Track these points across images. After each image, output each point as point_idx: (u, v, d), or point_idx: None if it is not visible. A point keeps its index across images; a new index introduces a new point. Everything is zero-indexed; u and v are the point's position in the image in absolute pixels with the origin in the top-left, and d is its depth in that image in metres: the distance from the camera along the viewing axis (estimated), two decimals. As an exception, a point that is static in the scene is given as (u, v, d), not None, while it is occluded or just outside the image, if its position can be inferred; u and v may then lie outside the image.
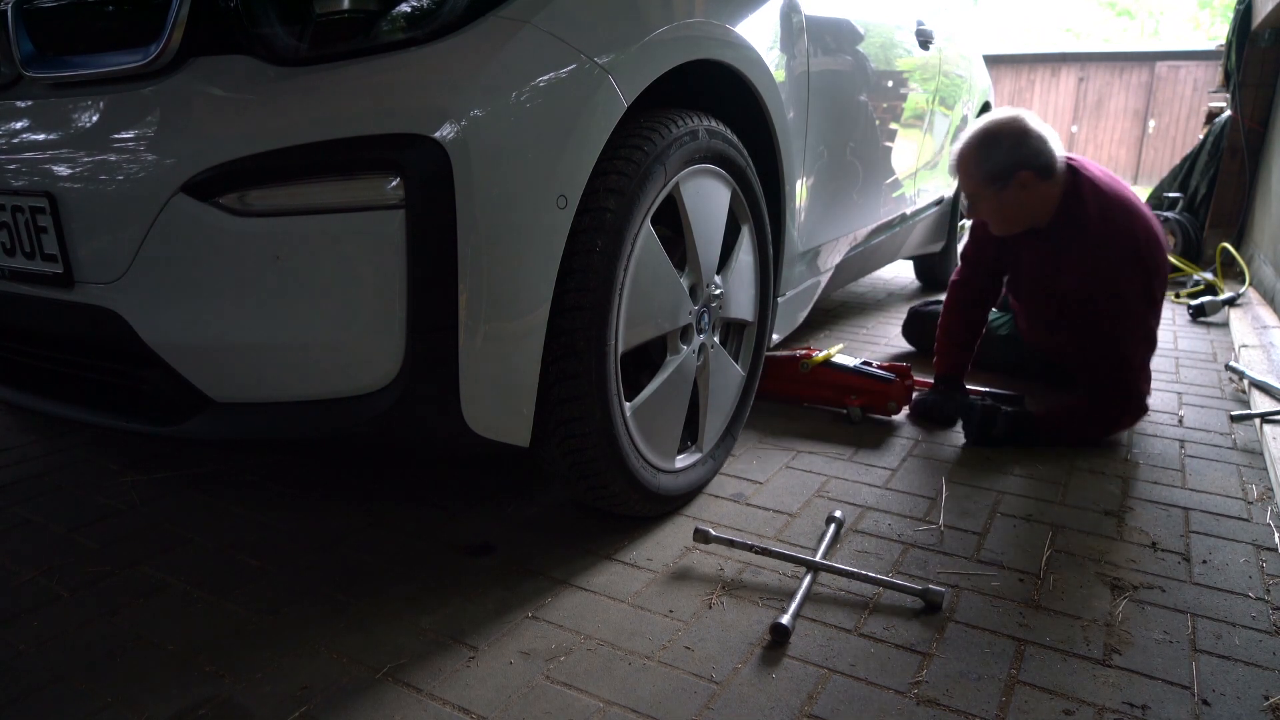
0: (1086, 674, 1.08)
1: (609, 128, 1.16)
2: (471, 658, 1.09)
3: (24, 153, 1.13)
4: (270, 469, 1.66)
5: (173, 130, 1.04)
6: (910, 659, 1.10)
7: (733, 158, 1.45)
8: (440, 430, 1.12)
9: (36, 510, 1.49)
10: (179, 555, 1.33)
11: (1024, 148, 1.76)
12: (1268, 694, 1.05)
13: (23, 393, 1.29)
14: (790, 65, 1.65)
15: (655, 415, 1.37)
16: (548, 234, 1.11)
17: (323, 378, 1.07)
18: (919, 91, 2.60)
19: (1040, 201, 1.80)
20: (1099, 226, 1.76)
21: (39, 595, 1.22)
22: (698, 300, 1.45)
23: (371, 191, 0.99)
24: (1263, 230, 3.78)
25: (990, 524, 1.48)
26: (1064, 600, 1.24)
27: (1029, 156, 1.76)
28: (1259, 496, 1.61)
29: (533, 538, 1.40)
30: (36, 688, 1.03)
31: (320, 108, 0.99)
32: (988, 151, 1.78)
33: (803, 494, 1.58)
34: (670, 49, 1.26)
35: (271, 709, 0.99)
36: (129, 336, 1.09)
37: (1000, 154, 1.76)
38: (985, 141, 1.79)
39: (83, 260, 1.10)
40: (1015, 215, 1.84)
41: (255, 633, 1.14)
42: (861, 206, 2.25)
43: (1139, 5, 24.34)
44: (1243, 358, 2.44)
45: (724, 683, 1.05)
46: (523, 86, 1.06)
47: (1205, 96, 9.23)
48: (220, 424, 1.11)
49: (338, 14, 1.02)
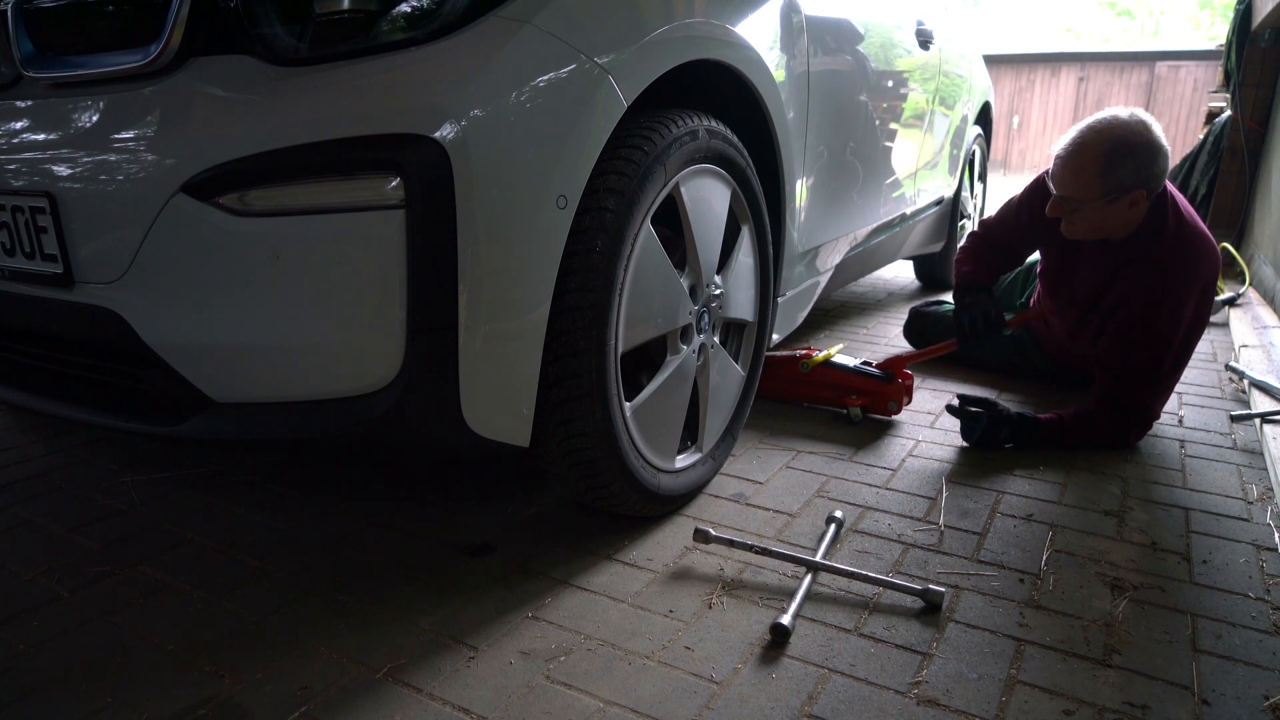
0: (1086, 674, 1.08)
1: (609, 128, 1.16)
2: (471, 658, 1.09)
3: (24, 153, 1.13)
4: (270, 469, 1.66)
5: (173, 130, 1.04)
6: (910, 659, 1.10)
7: (733, 158, 1.45)
8: (440, 430, 1.12)
9: (36, 510, 1.49)
10: (179, 555, 1.33)
11: (1154, 166, 1.64)
12: (1268, 694, 1.05)
13: (23, 393, 1.29)
14: (790, 65, 1.65)
15: (655, 415, 1.37)
16: (548, 234, 1.11)
17: (323, 378, 1.07)
18: (919, 91, 2.60)
19: (1134, 218, 1.73)
20: (1175, 245, 1.72)
21: (39, 595, 1.22)
22: (698, 300, 1.45)
23: (371, 191, 0.99)
24: (1263, 230, 3.78)
25: (990, 524, 1.48)
26: (1064, 600, 1.24)
27: (1154, 178, 1.65)
28: (1259, 496, 1.61)
29: (533, 538, 1.40)
30: (36, 688, 1.03)
31: (320, 108, 0.99)
32: (1118, 162, 1.64)
33: (803, 494, 1.58)
34: (670, 49, 1.26)
35: (271, 709, 0.99)
36: (129, 336, 1.09)
37: (1130, 170, 1.64)
38: (1117, 151, 1.63)
39: (83, 260, 1.10)
40: (1107, 227, 1.75)
41: (255, 633, 1.14)
42: (861, 206, 2.25)
43: (1139, 5, 24.34)
44: (1243, 358, 2.44)
45: (724, 683, 1.05)
46: (523, 86, 1.06)
47: (1205, 96, 9.22)
48: (220, 424, 1.11)
49: (337, 14, 1.02)
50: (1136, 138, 1.64)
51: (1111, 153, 1.64)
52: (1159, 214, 1.75)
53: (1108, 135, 1.65)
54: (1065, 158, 1.72)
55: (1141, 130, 1.65)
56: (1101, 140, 1.66)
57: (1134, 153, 1.64)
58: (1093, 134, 1.67)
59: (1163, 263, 1.73)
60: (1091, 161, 1.66)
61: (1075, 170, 1.69)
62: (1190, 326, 1.75)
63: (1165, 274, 1.72)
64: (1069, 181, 1.72)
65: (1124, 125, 1.66)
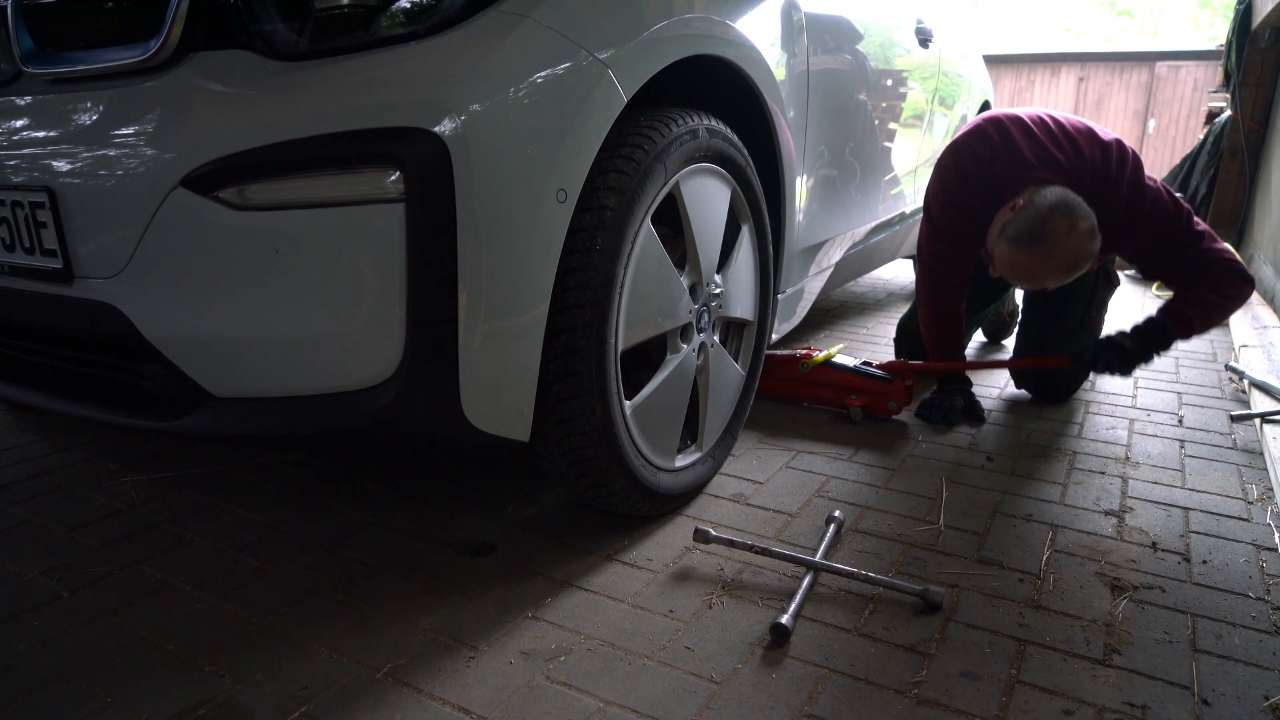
0: (1086, 674, 1.08)
1: (609, 122, 1.16)
2: (471, 658, 1.09)
3: (24, 148, 1.13)
4: (270, 469, 1.65)
5: (172, 125, 1.03)
6: (910, 659, 1.10)
7: (733, 157, 1.45)
8: (440, 425, 1.12)
9: (36, 510, 1.48)
10: (179, 555, 1.33)
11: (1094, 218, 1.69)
12: (1268, 694, 1.04)
13: (22, 389, 1.29)
14: (790, 63, 1.65)
15: (655, 414, 1.37)
16: (548, 229, 1.11)
17: (322, 372, 1.06)
18: (918, 90, 2.60)
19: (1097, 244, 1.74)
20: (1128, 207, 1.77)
21: (39, 595, 1.22)
22: (698, 299, 1.44)
23: (371, 185, 0.99)
24: (1263, 230, 3.78)
25: (990, 524, 1.47)
26: (1064, 600, 1.24)
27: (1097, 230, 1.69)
28: (1259, 496, 1.60)
29: (533, 538, 1.40)
30: (36, 688, 1.02)
31: (320, 102, 0.99)
32: (1089, 216, 1.67)
33: (803, 494, 1.58)
34: (670, 44, 1.26)
35: (271, 709, 0.99)
36: (129, 331, 1.09)
37: (1093, 242, 1.67)
38: (1085, 216, 1.66)
39: (82, 255, 1.10)
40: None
41: (255, 633, 1.13)
42: (861, 205, 2.25)
43: (1139, 5, 24.35)
44: (1243, 358, 2.44)
45: (724, 683, 1.05)
46: (522, 81, 1.05)
47: (1205, 96, 9.22)
48: (220, 419, 1.11)
49: (337, 9, 1.02)
50: (1076, 201, 1.66)
51: (1091, 230, 1.66)
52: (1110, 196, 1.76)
53: (1081, 222, 1.65)
54: (1071, 265, 1.69)
55: (1067, 194, 1.66)
56: (1081, 228, 1.65)
57: (1091, 231, 1.66)
58: (1069, 227, 1.65)
59: (1130, 217, 1.76)
60: (1088, 244, 1.67)
61: (1083, 258, 1.69)
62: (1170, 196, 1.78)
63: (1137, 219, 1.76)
64: (1081, 267, 1.71)
65: (1065, 201, 1.65)
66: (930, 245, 1.95)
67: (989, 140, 1.82)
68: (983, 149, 1.82)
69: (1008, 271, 1.75)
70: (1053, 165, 1.76)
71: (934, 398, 2.03)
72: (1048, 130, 1.81)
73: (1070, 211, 1.65)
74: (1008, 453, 1.80)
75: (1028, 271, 1.72)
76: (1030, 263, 1.70)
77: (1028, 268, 1.71)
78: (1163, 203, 1.76)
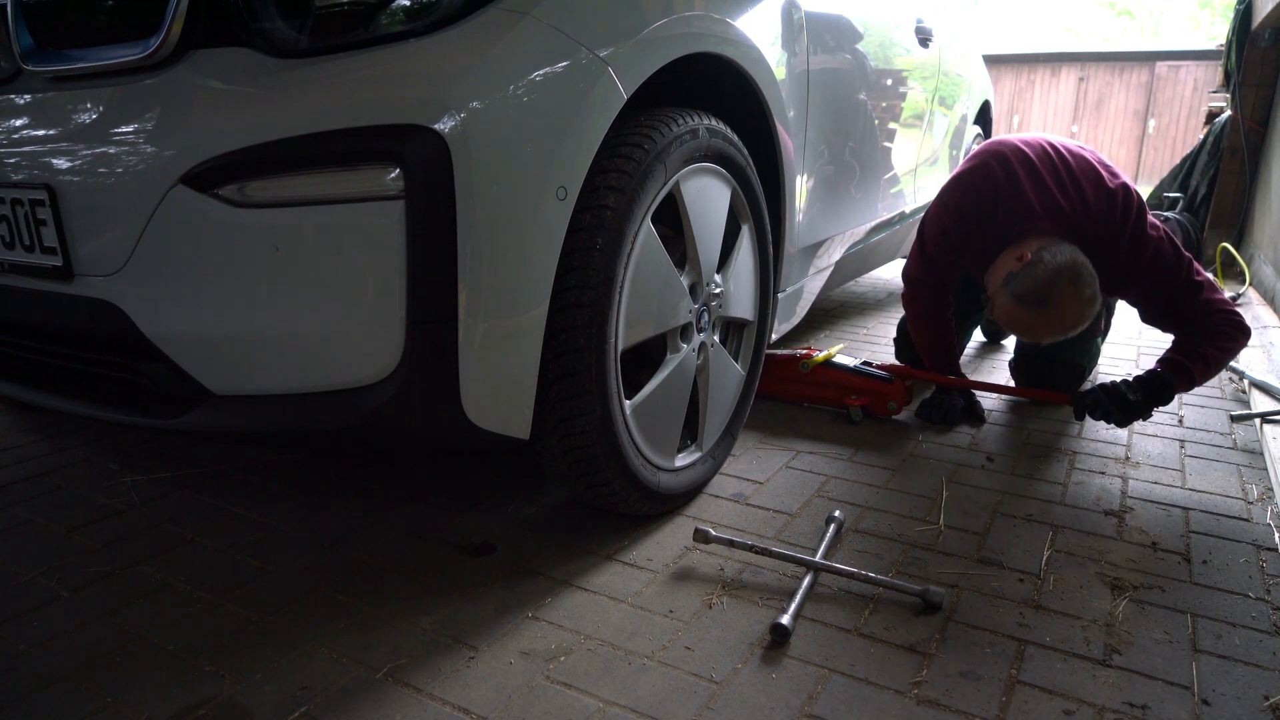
0: (1086, 674, 1.07)
1: (608, 120, 1.16)
2: (471, 658, 1.09)
3: (23, 146, 1.13)
4: (270, 469, 1.65)
5: (172, 122, 1.03)
6: (910, 659, 1.10)
7: (733, 156, 1.45)
8: (440, 422, 1.11)
9: (36, 510, 1.48)
10: (179, 555, 1.33)
11: (1093, 269, 1.69)
12: (1268, 694, 1.04)
13: (22, 387, 1.29)
14: (790, 62, 1.65)
15: (655, 414, 1.37)
16: (548, 226, 1.11)
17: (322, 370, 1.06)
18: (918, 90, 2.60)
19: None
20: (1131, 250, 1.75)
21: (39, 595, 1.22)
22: (698, 299, 1.44)
23: (371, 182, 0.99)
24: (1263, 230, 3.78)
25: (990, 524, 1.47)
26: (1064, 600, 1.24)
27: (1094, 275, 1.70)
28: (1259, 496, 1.60)
29: (533, 538, 1.39)
30: (36, 688, 1.02)
31: (320, 99, 0.99)
32: (1094, 281, 1.68)
33: (803, 494, 1.58)
34: (670, 42, 1.26)
35: (271, 709, 0.99)
36: (128, 329, 1.09)
37: (1094, 289, 1.68)
38: (1089, 283, 1.66)
39: (82, 253, 1.10)
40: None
41: (255, 633, 1.13)
42: (861, 204, 2.25)
43: (1139, 5, 24.35)
44: (1243, 358, 2.44)
45: (724, 683, 1.04)
46: (522, 78, 1.05)
47: (1205, 96, 9.23)
48: (220, 417, 1.11)
49: (337, 6, 1.02)
50: (1076, 260, 1.66)
51: (1091, 298, 1.67)
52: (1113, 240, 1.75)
53: (1078, 284, 1.66)
54: (1073, 327, 1.70)
55: (1069, 252, 1.67)
56: (1080, 291, 1.66)
57: (1088, 269, 1.67)
58: (1069, 293, 1.66)
59: (1131, 267, 1.74)
60: (1089, 305, 1.68)
61: (1084, 317, 1.69)
62: (1172, 245, 1.76)
63: (1138, 268, 1.75)
64: (1082, 322, 1.71)
65: (1066, 262, 1.66)
66: (919, 271, 1.98)
67: (993, 180, 1.79)
68: (986, 189, 1.79)
69: (1005, 322, 1.77)
70: (1056, 212, 1.74)
71: (934, 398, 2.03)
72: (1053, 169, 1.78)
73: (1077, 278, 1.66)
74: (1008, 453, 1.80)
75: (1026, 328, 1.75)
76: (1031, 321, 1.72)
77: (1027, 324, 1.74)
78: (1164, 253, 1.74)
